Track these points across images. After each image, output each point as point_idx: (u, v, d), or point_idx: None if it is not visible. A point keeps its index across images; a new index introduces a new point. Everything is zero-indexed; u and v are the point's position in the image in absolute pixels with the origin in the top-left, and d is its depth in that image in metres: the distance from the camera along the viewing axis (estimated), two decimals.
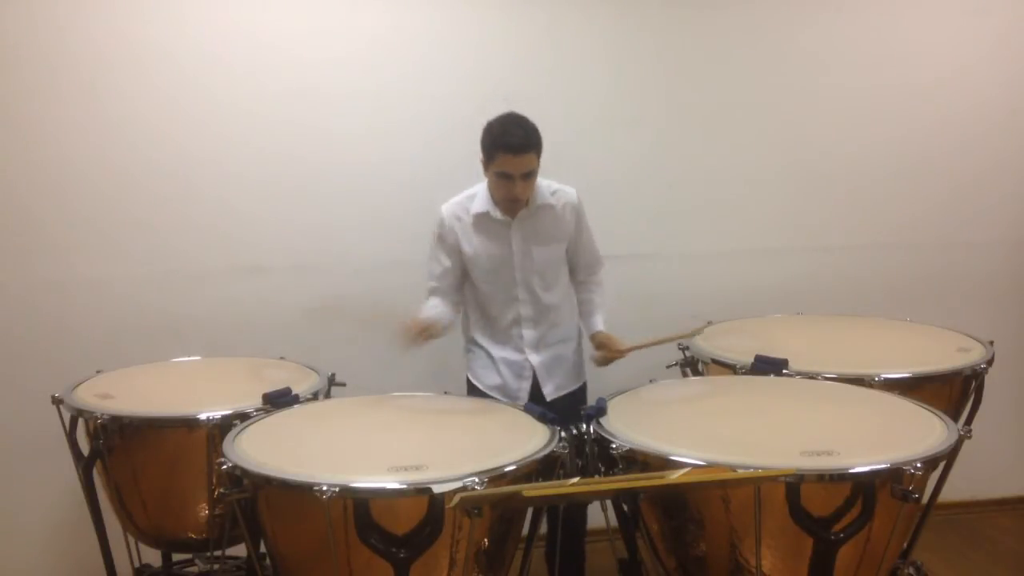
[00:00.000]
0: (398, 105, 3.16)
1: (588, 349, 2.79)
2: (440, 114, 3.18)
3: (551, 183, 2.67)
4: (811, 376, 2.40)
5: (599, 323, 2.73)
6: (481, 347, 2.74)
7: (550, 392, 2.72)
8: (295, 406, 2.33)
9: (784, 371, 2.42)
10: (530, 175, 2.50)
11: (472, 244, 2.64)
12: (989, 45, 3.50)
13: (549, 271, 2.68)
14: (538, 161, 2.51)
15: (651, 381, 2.47)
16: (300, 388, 2.43)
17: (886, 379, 2.34)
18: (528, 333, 2.69)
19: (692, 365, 2.76)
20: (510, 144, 2.44)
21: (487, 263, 2.65)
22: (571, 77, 3.25)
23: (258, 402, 2.30)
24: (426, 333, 2.51)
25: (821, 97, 3.44)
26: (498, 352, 2.71)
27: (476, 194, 2.65)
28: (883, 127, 3.48)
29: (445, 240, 2.66)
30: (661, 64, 3.32)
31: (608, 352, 2.66)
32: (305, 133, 3.12)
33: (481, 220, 2.63)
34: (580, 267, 2.77)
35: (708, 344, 2.73)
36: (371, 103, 3.15)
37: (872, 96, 3.46)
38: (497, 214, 2.61)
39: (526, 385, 2.71)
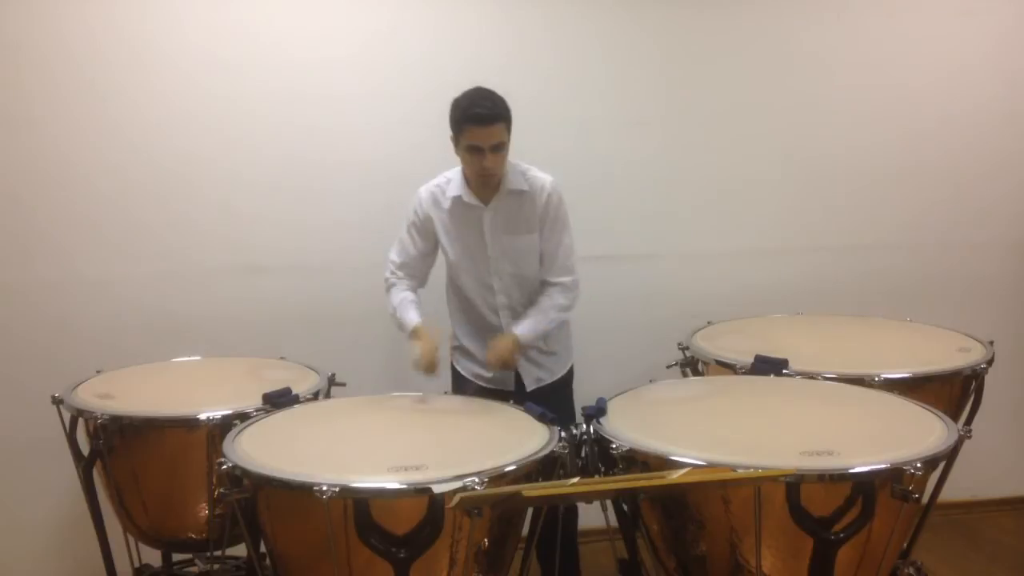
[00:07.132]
0: (398, 104, 3.15)
1: (576, 337, 2.80)
2: (440, 112, 3.15)
3: (528, 168, 2.60)
4: (811, 376, 2.40)
5: (518, 327, 2.53)
6: (465, 337, 2.71)
7: (530, 383, 2.68)
8: (295, 406, 2.33)
9: (784, 371, 2.42)
10: (500, 147, 2.44)
11: (448, 230, 2.61)
12: (989, 45, 3.50)
13: (523, 260, 2.61)
14: (508, 134, 2.45)
15: (651, 381, 2.47)
16: (300, 388, 2.43)
17: (886, 379, 2.35)
18: (507, 322, 2.63)
19: (692, 365, 2.76)
20: (478, 115, 2.40)
21: (461, 250, 2.61)
22: (570, 77, 3.24)
23: (258, 402, 2.30)
24: (436, 353, 2.46)
25: (821, 97, 3.43)
26: (478, 342, 2.67)
27: (451, 178, 2.60)
28: (883, 127, 3.48)
29: (421, 223, 2.62)
30: (661, 64, 3.32)
31: (496, 352, 2.50)
32: (305, 132, 3.12)
33: (456, 205, 2.58)
34: (542, 268, 2.61)
35: (708, 344, 2.73)
36: (371, 102, 3.15)
37: (872, 96, 3.45)
38: (471, 199, 2.56)
39: (510, 374, 2.66)
